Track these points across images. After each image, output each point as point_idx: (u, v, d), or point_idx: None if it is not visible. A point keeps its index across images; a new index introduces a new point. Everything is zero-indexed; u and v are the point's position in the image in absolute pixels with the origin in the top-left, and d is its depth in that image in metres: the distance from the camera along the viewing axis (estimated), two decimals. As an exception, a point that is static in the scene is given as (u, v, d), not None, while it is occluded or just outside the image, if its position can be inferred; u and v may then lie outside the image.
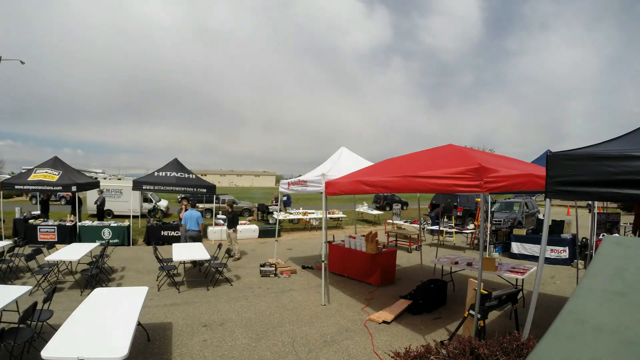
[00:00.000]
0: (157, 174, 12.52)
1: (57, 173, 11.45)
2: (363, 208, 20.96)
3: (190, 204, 10.70)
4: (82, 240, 10.50)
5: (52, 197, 23.46)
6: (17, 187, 11.33)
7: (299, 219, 17.30)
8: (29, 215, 12.67)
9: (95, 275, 6.96)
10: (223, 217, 14.99)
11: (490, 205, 13.22)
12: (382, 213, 21.17)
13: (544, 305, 6.01)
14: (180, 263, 7.89)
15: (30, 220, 11.84)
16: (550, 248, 9.57)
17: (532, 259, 9.58)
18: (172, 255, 7.50)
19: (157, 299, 6.41)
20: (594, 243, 8.54)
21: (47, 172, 11.44)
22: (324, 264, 6.48)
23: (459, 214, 16.83)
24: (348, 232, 14.43)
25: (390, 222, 15.13)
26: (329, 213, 17.41)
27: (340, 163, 7.83)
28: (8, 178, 13.92)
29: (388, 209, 25.00)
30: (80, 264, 7.71)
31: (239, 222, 14.55)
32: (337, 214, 17.95)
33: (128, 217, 12.49)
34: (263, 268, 8.30)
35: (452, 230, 13.03)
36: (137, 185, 12.19)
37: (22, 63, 19.47)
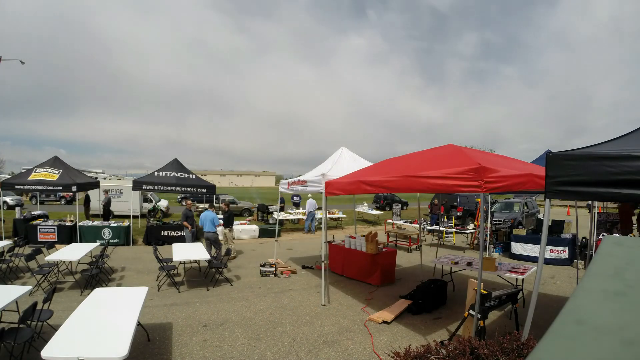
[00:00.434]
0: (157, 174, 12.51)
1: (57, 172, 11.46)
2: (363, 208, 20.97)
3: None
4: (82, 240, 10.50)
5: (51, 196, 23.53)
6: (17, 187, 11.33)
7: (299, 219, 17.33)
8: (29, 216, 12.68)
9: (95, 275, 6.96)
10: (222, 217, 14.99)
11: (490, 205, 13.22)
12: (382, 213, 21.18)
13: (544, 305, 6.01)
14: (180, 263, 7.90)
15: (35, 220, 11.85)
16: (550, 248, 9.57)
17: (532, 259, 9.58)
18: (172, 255, 7.51)
19: (157, 299, 6.41)
20: (594, 243, 8.54)
21: (47, 171, 11.44)
22: (324, 264, 6.48)
23: (459, 214, 16.84)
24: (348, 232, 14.44)
25: (390, 222, 15.13)
26: (329, 213, 17.42)
27: (340, 163, 7.84)
28: (8, 178, 13.90)
29: (388, 209, 25.02)
30: (80, 264, 7.71)
31: (239, 222, 14.63)
32: (337, 214, 17.97)
33: (128, 217, 12.49)
34: (263, 268, 8.30)
35: (452, 230, 13.04)
36: (137, 185, 12.19)
37: (22, 63, 19.50)
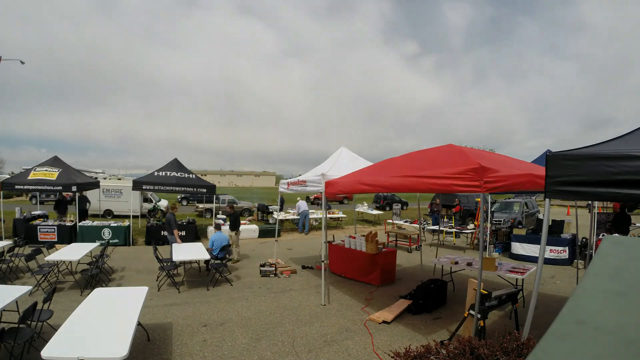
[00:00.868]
0: (157, 174, 12.52)
1: (56, 171, 11.45)
2: (363, 208, 20.96)
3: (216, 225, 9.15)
4: (82, 240, 10.50)
5: (51, 196, 23.50)
6: (17, 187, 11.33)
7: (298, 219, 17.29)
8: (29, 215, 12.67)
9: (95, 275, 6.96)
10: (223, 217, 15.00)
11: (490, 205, 13.22)
12: (382, 213, 21.17)
13: (544, 305, 6.02)
14: (180, 263, 7.89)
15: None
16: (550, 248, 9.57)
17: (532, 259, 9.58)
18: (172, 255, 7.51)
19: (157, 299, 6.41)
20: (594, 243, 8.53)
21: (46, 170, 11.45)
22: (324, 264, 6.48)
23: (454, 213, 16.82)
24: (348, 232, 14.43)
25: (390, 222, 15.13)
26: (329, 213, 17.41)
27: (340, 163, 7.85)
28: (8, 178, 13.89)
29: (388, 209, 25.02)
30: (80, 264, 7.70)
31: (240, 222, 14.60)
32: (337, 214, 17.97)
33: (128, 217, 12.49)
34: (263, 268, 8.30)
35: (452, 230, 13.04)
36: (137, 185, 12.19)
37: (22, 63, 19.49)
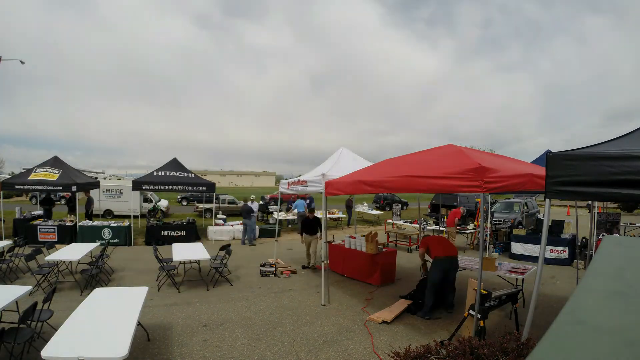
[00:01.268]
0: (156, 174, 12.53)
1: (57, 172, 11.45)
2: (363, 208, 20.97)
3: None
4: (82, 240, 10.50)
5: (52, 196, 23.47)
6: (17, 187, 11.33)
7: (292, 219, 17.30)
8: (29, 215, 12.68)
9: (95, 275, 6.96)
10: (223, 217, 15.00)
11: (490, 205, 13.22)
12: (382, 213, 21.17)
13: (544, 305, 6.02)
14: (180, 263, 7.89)
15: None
16: (550, 248, 9.57)
17: (532, 259, 9.58)
18: (172, 255, 7.51)
19: (157, 299, 6.41)
20: (594, 243, 8.54)
21: (47, 171, 11.44)
22: (324, 264, 6.48)
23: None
24: (348, 232, 14.43)
25: (390, 222, 15.13)
26: (329, 213, 17.41)
27: (340, 163, 7.84)
28: (8, 178, 13.89)
29: (388, 209, 25.01)
30: (80, 264, 7.70)
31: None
32: (337, 214, 17.96)
33: (128, 217, 12.50)
34: (263, 268, 8.30)
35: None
36: (136, 185, 12.19)
37: (22, 63, 19.49)
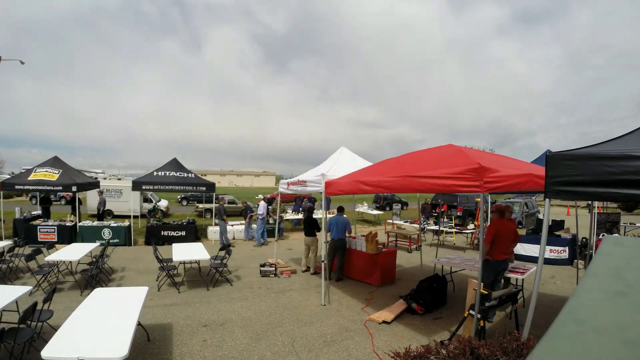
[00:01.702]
0: (156, 174, 12.53)
1: (57, 172, 11.45)
2: (363, 208, 20.96)
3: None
4: (82, 241, 10.50)
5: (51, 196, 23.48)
6: (17, 187, 11.33)
7: (300, 219, 17.29)
8: (29, 216, 12.68)
9: (95, 276, 6.96)
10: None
11: (490, 205, 13.20)
12: (382, 213, 21.17)
13: (544, 305, 6.02)
14: (180, 263, 7.89)
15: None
16: (550, 248, 9.57)
17: (532, 259, 9.58)
18: (172, 255, 7.51)
19: (157, 299, 6.41)
20: (594, 243, 8.54)
21: (47, 171, 11.44)
22: (324, 264, 6.48)
23: (459, 214, 16.83)
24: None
25: (390, 222, 15.13)
26: (329, 213, 17.41)
27: (340, 163, 7.84)
28: (8, 178, 13.90)
29: (388, 209, 25.02)
30: (80, 264, 7.71)
31: (239, 221, 14.58)
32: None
33: (128, 217, 12.50)
34: (263, 268, 8.30)
35: (452, 230, 13.04)
36: (136, 186, 12.19)
37: (22, 63, 19.49)
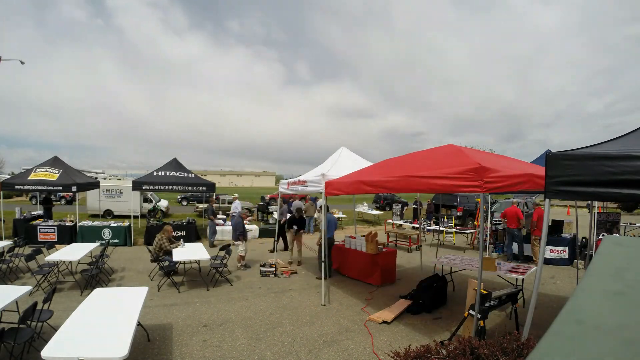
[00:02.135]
0: (156, 174, 12.52)
1: (57, 172, 11.45)
2: (363, 208, 20.96)
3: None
4: (82, 241, 10.50)
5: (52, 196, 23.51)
6: (17, 187, 11.32)
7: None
8: (29, 216, 12.68)
9: (95, 276, 6.96)
10: (223, 217, 14.99)
11: (490, 205, 13.22)
12: (382, 213, 21.17)
13: (544, 305, 6.03)
14: (180, 263, 7.88)
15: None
16: (550, 248, 9.57)
17: (532, 259, 9.58)
18: (172, 256, 7.50)
19: (157, 299, 6.41)
20: (594, 243, 8.53)
21: (47, 171, 11.44)
22: (324, 264, 6.48)
23: (459, 214, 16.83)
24: (348, 232, 14.43)
25: (390, 222, 15.13)
26: (331, 213, 17.38)
27: (340, 163, 7.84)
28: (8, 178, 13.89)
29: (388, 209, 25.01)
30: (80, 264, 7.70)
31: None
32: (337, 214, 17.95)
33: (128, 217, 12.49)
34: (263, 268, 8.30)
35: (452, 230, 13.04)
36: (136, 186, 12.19)
37: (22, 63, 19.49)
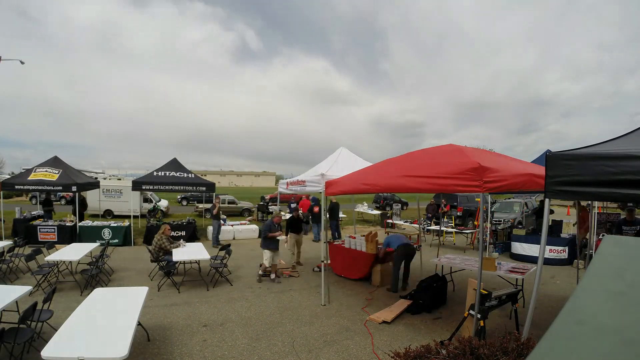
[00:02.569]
0: (156, 174, 12.53)
1: (57, 172, 11.45)
2: (363, 208, 20.96)
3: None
4: (82, 240, 10.50)
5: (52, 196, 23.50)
6: (17, 187, 11.32)
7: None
8: (29, 216, 12.68)
9: (95, 276, 6.96)
10: (223, 217, 14.99)
11: (490, 205, 13.22)
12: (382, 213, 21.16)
13: (544, 305, 6.03)
14: (180, 263, 7.88)
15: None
16: (550, 248, 9.57)
17: (532, 259, 9.57)
18: (172, 255, 7.50)
19: (157, 299, 6.41)
20: (594, 243, 8.53)
21: (47, 171, 11.44)
22: (324, 264, 6.48)
23: (459, 214, 16.83)
24: (348, 232, 14.43)
25: (390, 222, 15.13)
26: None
27: (339, 163, 7.86)
28: (8, 178, 13.90)
29: (388, 209, 25.02)
30: (80, 264, 7.70)
31: (239, 221, 14.61)
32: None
33: (128, 217, 12.49)
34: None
35: (452, 230, 13.04)
36: (136, 186, 12.19)
37: (22, 63, 19.49)
